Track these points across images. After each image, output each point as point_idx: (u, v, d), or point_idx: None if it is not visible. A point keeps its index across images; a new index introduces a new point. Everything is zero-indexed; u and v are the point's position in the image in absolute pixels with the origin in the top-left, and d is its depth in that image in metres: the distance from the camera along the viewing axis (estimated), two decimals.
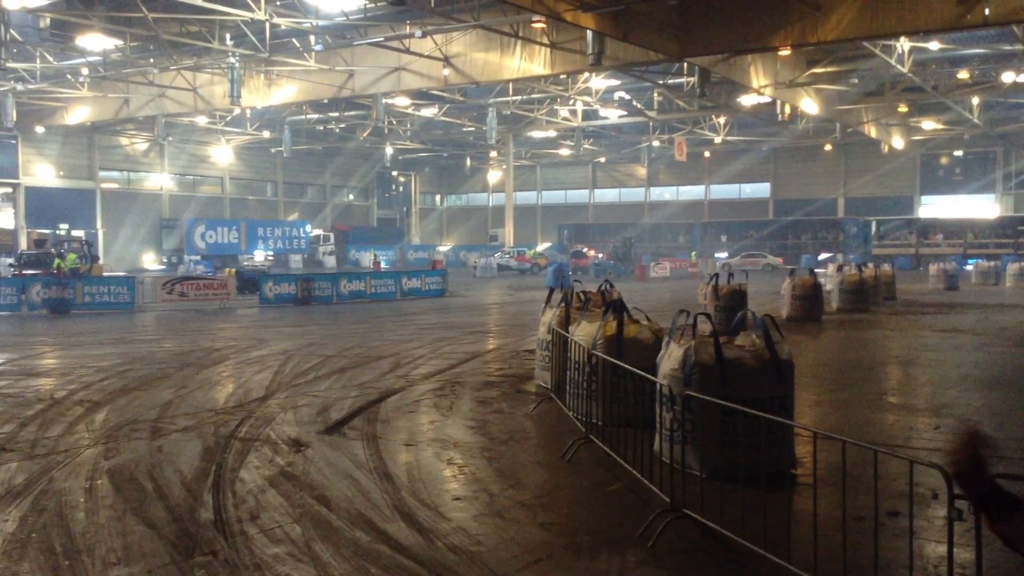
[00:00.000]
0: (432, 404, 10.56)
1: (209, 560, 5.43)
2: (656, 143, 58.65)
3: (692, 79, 35.43)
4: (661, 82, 39.48)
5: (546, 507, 6.50)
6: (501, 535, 5.89)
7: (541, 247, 62.82)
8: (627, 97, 45.75)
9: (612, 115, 48.48)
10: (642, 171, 67.72)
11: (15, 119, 40.77)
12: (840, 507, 4.96)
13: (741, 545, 5.29)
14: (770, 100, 39.52)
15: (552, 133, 55.28)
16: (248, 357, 14.82)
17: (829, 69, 36.70)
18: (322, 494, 6.78)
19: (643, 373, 7.11)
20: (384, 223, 72.26)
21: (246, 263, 47.04)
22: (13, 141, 47.29)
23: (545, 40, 29.88)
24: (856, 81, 40.00)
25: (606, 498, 6.71)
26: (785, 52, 31.18)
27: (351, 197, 69.94)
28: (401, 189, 75.41)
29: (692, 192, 68.18)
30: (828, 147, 59.89)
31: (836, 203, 63.53)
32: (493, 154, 65.40)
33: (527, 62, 31.35)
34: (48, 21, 30.32)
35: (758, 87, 35.33)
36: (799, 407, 8.68)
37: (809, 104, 40.56)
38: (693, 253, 57.03)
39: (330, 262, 58.13)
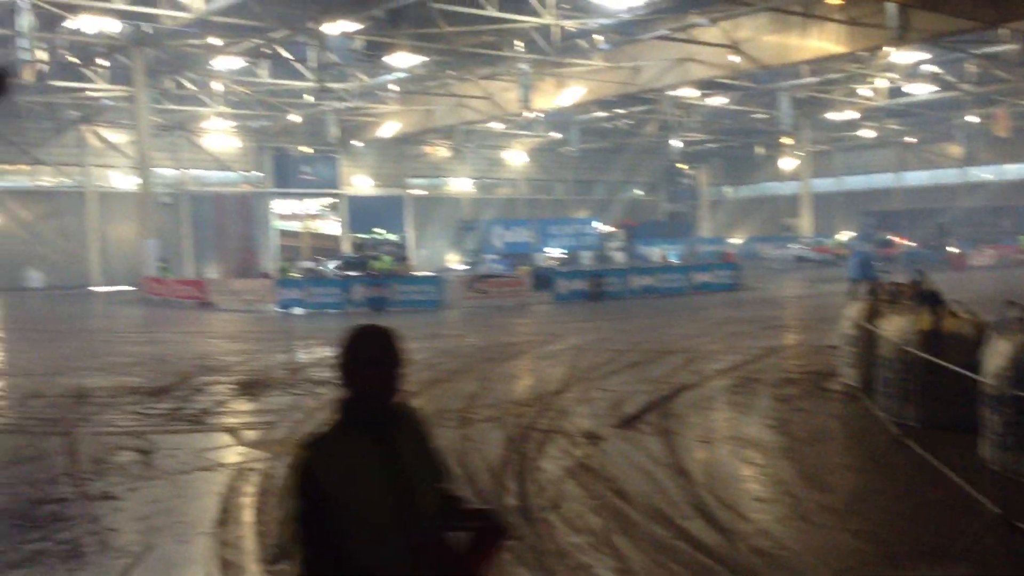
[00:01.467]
0: (728, 401, 10.33)
1: (515, 544, 5.68)
2: (972, 118, 53.15)
3: (1012, 47, 31.73)
4: (976, 52, 35.74)
5: (856, 513, 6.13)
6: (807, 540, 5.64)
7: (842, 236, 59.24)
8: (937, 71, 41.88)
9: (920, 91, 44.59)
10: (956, 150, 61.57)
11: (337, 135, 45.22)
12: None
13: None
14: None
15: (852, 114, 51.89)
16: (544, 351, 15.34)
17: None
18: (619, 487, 6.86)
19: (965, 371, 6.48)
20: (672, 217, 71.69)
21: (545, 261, 48.56)
22: (335, 156, 52.46)
23: (841, 16, 28.12)
24: None
25: (924, 506, 6.20)
26: None
27: (638, 192, 70.18)
28: (689, 182, 74.42)
29: (1018, 171, 61.06)
30: None
31: None
32: (786, 140, 62.59)
33: (821, 41, 29.66)
34: (361, 43, 33.31)
35: None
36: None
37: None
38: (1022, 238, 51.06)
39: (619, 258, 58.68)
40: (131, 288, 35.66)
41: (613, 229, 62.77)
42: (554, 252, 55.52)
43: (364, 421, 2.49)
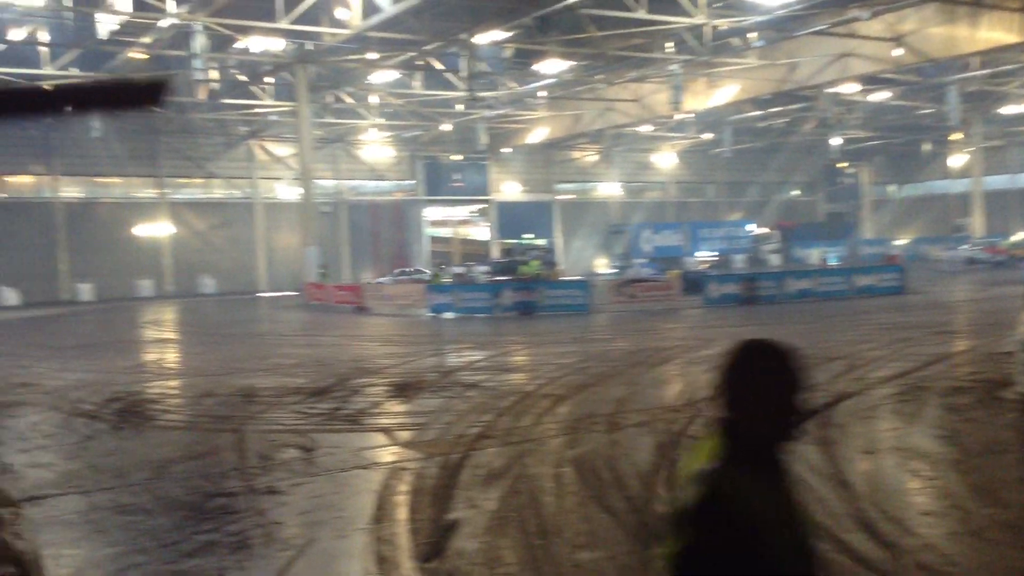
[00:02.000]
0: (893, 410, 9.82)
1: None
2: None
3: None
4: None
5: None
6: (979, 557, 5.29)
7: (1018, 236, 55.31)
8: None
9: None
10: None
11: (487, 143, 46.05)
12: None
13: None
14: None
15: None
16: (694, 356, 15.06)
17: None
18: None
19: None
20: (831, 218, 68.92)
21: (696, 265, 47.77)
22: (485, 162, 53.43)
23: (1015, 4, 26.30)
24: None
25: None
26: None
27: (795, 192, 67.88)
28: (850, 181, 71.35)
29: None
30: None
31: None
32: (955, 136, 59.02)
33: (993, 31, 27.85)
34: (511, 51, 33.78)
35: None
36: None
37: None
38: None
39: (774, 260, 56.94)
40: (294, 293, 37.50)
41: (768, 231, 60.99)
42: (705, 255, 54.45)
43: (757, 455, 2.10)
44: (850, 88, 39.86)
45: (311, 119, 35.42)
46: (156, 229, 42.82)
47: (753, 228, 59.43)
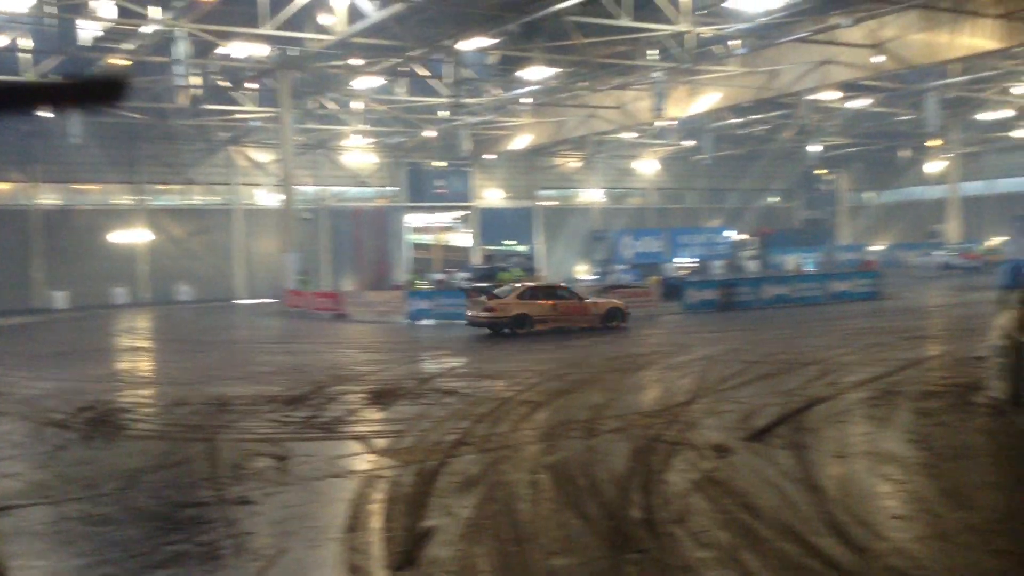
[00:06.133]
0: (865, 414, 9.90)
1: (640, 558, 5.61)
2: None
3: None
4: None
5: (1002, 533, 5.76)
6: (948, 561, 5.33)
7: (992, 242, 55.87)
8: None
9: None
10: None
11: (470, 149, 46.04)
12: None
13: None
14: None
15: (1006, 113, 48.98)
16: (672, 362, 15.12)
17: None
18: (747, 502, 6.67)
19: None
20: (809, 224, 69.45)
21: (676, 271, 47.97)
22: (468, 169, 53.43)
23: (994, 11, 26.60)
24: None
25: None
26: None
27: (773, 199, 68.35)
28: (828, 187, 71.93)
29: None
30: None
31: None
32: (933, 143, 59.60)
33: (972, 38, 28.14)
34: (495, 58, 33.80)
35: None
36: None
37: None
38: None
39: (752, 266, 57.28)
40: (272, 300, 37.31)
41: (746, 238, 61.38)
42: (684, 262, 54.70)
43: None
44: (830, 95, 40.20)
45: (293, 125, 35.30)
46: (133, 236, 42.49)
47: (732, 234, 59.79)
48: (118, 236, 42.22)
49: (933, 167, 64.71)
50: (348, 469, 8.39)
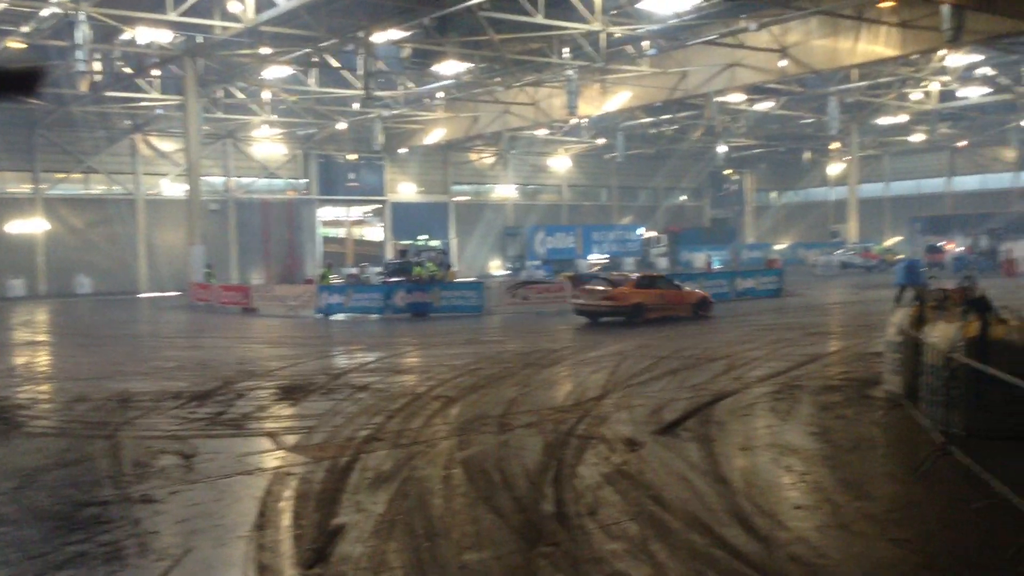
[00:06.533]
0: (769, 408, 10.20)
1: (552, 551, 5.66)
2: None
3: None
4: None
5: (898, 522, 6.00)
6: (847, 549, 5.54)
7: (890, 242, 58.25)
8: (991, 73, 41.03)
9: (973, 94, 43.78)
10: (1010, 154, 60.25)
11: (383, 143, 45.60)
12: None
13: None
14: None
15: (902, 118, 51.06)
16: (584, 358, 15.29)
17: None
18: (657, 494, 6.80)
19: (1016, 380, 6.31)
20: (717, 223, 71.18)
21: (589, 268, 48.54)
22: (381, 163, 52.91)
23: (893, 19, 27.69)
24: None
25: (968, 516, 6.05)
26: None
27: (683, 198, 69.77)
28: (734, 187, 73.85)
29: None
30: None
31: None
32: (834, 145, 61.82)
33: (872, 45, 29.25)
34: (409, 51, 33.53)
35: None
36: None
37: None
38: None
39: (662, 264, 58.36)
40: (177, 294, 36.25)
41: (657, 235, 62.48)
42: (597, 258, 55.39)
43: None
44: (737, 97, 41.22)
45: (200, 114, 34.34)
46: (29, 226, 40.71)
47: (643, 232, 60.76)
48: (14, 226, 40.40)
49: (834, 169, 67.11)
50: (257, 466, 8.23)
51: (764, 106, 45.58)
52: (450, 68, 33.64)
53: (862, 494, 6.70)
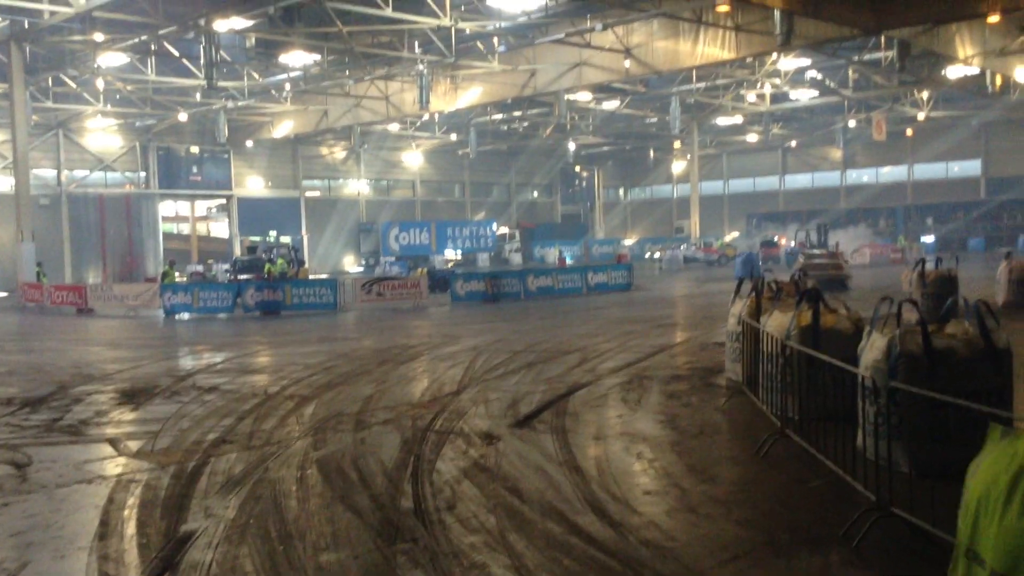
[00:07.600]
0: (620, 398, 10.52)
1: (410, 547, 5.65)
2: (852, 123, 55.72)
3: (890, 53, 33.38)
4: (856, 59, 37.49)
5: (741, 503, 6.33)
6: (694, 531, 5.79)
7: (729, 237, 61.15)
8: (819, 77, 43.71)
9: (803, 96, 46.53)
10: (837, 153, 64.43)
11: (227, 135, 44.09)
12: None
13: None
14: (979, 71, 36.60)
15: (739, 119, 53.70)
16: (441, 353, 15.31)
17: None
18: (514, 486, 6.90)
19: (843, 364, 6.76)
20: (568, 219, 72.70)
21: (443, 263, 48.54)
22: (226, 156, 51.15)
23: (729, 23, 29.06)
24: None
25: (805, 495, 6.45)
26: (994, 19, 28.72)
27: (535, 194, 70.87)
28: (584, 184, 75.61)
29: (893, 173, 64.32)
30: None
31: None
32: (677, 144, 64.34)
33: (711, 47, 30.60)
34: (253, 41, 32.56)
35: (965, 58, 32.76)
36: (1020, 400, 7.99)
37: None
38: (901, 237, 53.83)
39: (516, 259, 59.11)
40: (5, 295, 33.90)
41: (510, 231, 63.19)
42: (451, 254, 55.50)
43: None
44: (584, 96, 42.21)
45: (27, 103, 32.18)
46: None
47: (496, 228, 61.30)
48: None
49: (677, 167, 69.76)
50: (98, 474, 7.81)
51: (611, 105, 46.89)
52: (297, 59, 32.90)
53: (707, 478, 7.02)
